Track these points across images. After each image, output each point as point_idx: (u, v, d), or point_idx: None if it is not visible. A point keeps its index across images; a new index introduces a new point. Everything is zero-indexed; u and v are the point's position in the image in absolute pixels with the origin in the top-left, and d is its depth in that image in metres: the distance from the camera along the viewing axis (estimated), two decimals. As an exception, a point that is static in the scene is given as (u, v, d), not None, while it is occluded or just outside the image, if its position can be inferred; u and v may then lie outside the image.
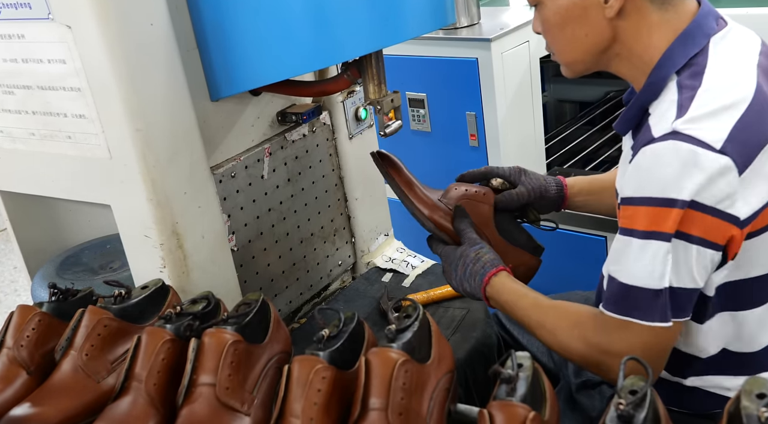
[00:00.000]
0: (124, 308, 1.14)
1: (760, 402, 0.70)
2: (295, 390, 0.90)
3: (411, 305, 1.00)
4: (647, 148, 1.02)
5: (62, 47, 1.17)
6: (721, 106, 1.00)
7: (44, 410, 1.01)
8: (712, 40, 1.09)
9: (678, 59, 1.08)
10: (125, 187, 1.25)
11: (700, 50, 1.08)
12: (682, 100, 1.03)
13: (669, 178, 0.99)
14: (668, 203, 0.99)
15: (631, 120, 1.16)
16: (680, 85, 1.06)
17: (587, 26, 1.12)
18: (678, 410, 1.21)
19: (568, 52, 1.18)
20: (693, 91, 1.03)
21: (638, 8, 1.10)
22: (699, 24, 1.10)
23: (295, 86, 1.45)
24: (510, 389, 0.84)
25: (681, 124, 1.00)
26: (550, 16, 1.15)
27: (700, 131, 0.98)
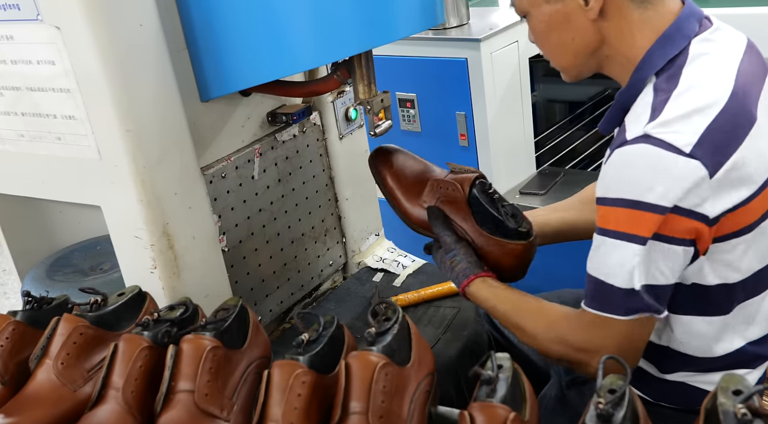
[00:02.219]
0: (101, 315, 1.13)
1: (736, 398, 0.71)
2: (275, 395, 0.90)
3: (390, 308, 1.00)
4: (620, 150, 1.03)
5: (51, 48, 1.17)
6: (693, 109, 1.01)
7: (19, 420, 1.00)
8: (692, 42, 1.09)
9: (657, 61, 1.09)
10: (115, 188, 1.25)
11: (679, 52, 1.08)
12: (656, 103, 1.04)
13: (639, 182, 1.01)
14: (638, 206, 1.01)
15: (614, 120, 1.17)
16: (656, 88, 1.07)
17: (572, 31, 1.14)
18: (666, 405, 1.23)
19: (559, 57, 1.20)
20: (668, 94, 1.04)
21: (619, 8, 1.11)
22: (680, 25, 1.10)
23: (285, 87, 1.45)
24: (490, 391, 0.84)
25: (652, 128, 1.01)
26: (536, 25, 1.18)
27: (670, 135, 0.99)
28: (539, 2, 1.14)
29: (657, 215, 1.00)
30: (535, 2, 1.15)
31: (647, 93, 1.08)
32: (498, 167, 2.44)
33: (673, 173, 0.99)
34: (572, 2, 1.11)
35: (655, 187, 0.99)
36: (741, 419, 0.69)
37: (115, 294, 1.18)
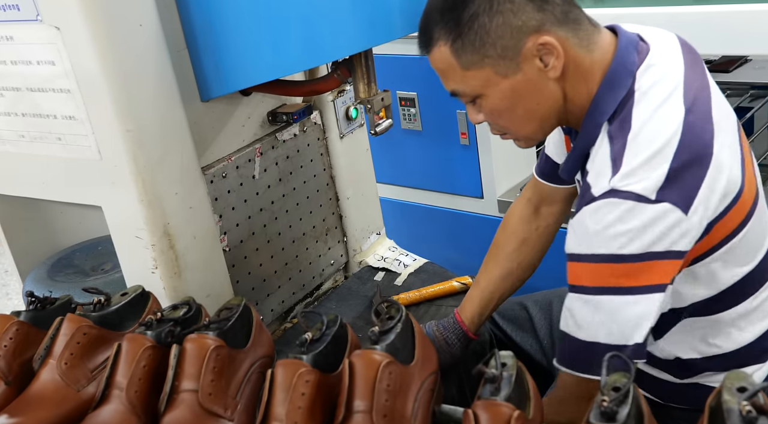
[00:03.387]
0: (104, 315, 1.13)
1: (741, 396, 0.71)
2: (278, 394, 0.89)
3: (394, 307, 1.00)
4: (588, 207, 1.02)
5: (51, 49, 1.17)
6: (651, 153, 0.99)
7: (23, 421, 0.99)
8: (636, 75, 1.06)
9: (607, 106, 1.07)
10: (116, 188, 1.24)
11: (626, 92, 1.06)
12: (614, 153, 1.02)
13: (612, 235, 0.99)
14: (614, 259, 1.00)
15: (575, 166, 1.15)
16: (611, 136, 1.04)
17: (537, 96, 1.09)
18: (676, 406, 1.22)
19: (526, 126, 1.14)
20: (623, 141, 1.02)
21: (574, 58, 1.07)
22: (621, 62, 1.07)
23: (285, 86, 1.45)
24: (494, 389, 0.84)
25: (617, 181, 0.99)
26: (497, 103, 1.10)
27: (636, 185, 0.98)
28: (495, 81, 1.08)
29: (637, 264, 1.00)
30: (490, 82, 1.08)
31: (603, 141, 1.05)
32: (498, 166, 2.44)
33: (645, 221, 0.98)
34: (531, 69, 1.06)
35: (630, 239, 0.98)
36: (746, 416, 0.68)
37: (119, 294, 1.18)
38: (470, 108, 1.15)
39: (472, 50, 1.05)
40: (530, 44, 1.04)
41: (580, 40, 1.07)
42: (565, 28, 1.05)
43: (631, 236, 0.98)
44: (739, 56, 3.06)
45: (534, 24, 1.04)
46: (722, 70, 3.05)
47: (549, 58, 1.05)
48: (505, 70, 1.06)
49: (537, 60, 1.05)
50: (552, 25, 1.04)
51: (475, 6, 1.03)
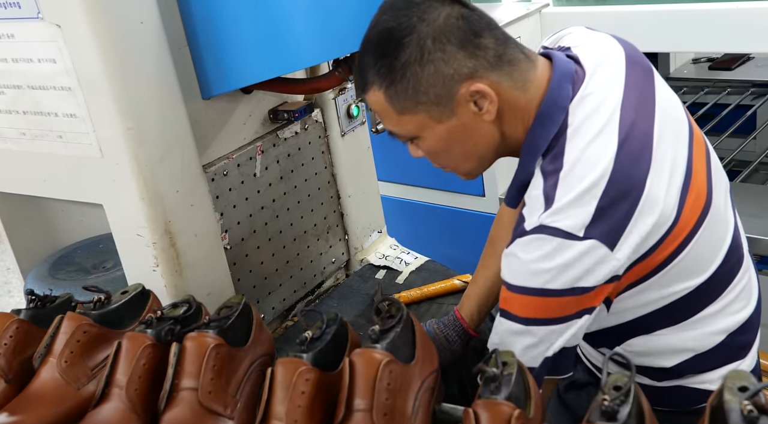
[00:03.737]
0: (104, 313, 1.13)
1: (742, 395, 0.71)
2: (278, 393, 0.89)
3: (394, 305, 1.00)
4: (520, 239, 1.04)
5: (52, 46, 1.17)
6: (582, 190, 0.99)
7: (23, 419, 0.99)
8: (569, 109, 1.06)
9: (540, 143, 1.07)
10: (117, 186, 1.24)
11: (558, 129, 1.06)
12: (547, 189, 1.03)
13: (540, 271, 1.01)
14: (540, 293, 1.02)
15: (516, 195, 1.15)
16: (544, 173, 1.05)
17: (473, 137, 1.10)
18: (661, 409, 1.22)
19: (464, 165, 1.16)
20: (555, 177, 1.02)
21: (508, 100, 1.07)
22: (553, 99, 1.07)
23: (286, 84, 1.45)
24: (494, 388, 0.84)
25: (546, 217, 1.00)
26: (433, 145, 1.12)
27: (563, 221, 0.99)
28: (431, 125, 1.08)
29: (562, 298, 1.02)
30: (425, 126, 1.09)
31: (537, 176, 1.06)
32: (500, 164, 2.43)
33: (572, 257, 0.99)
34: (465, 113, 1.07)
35: (558, 274, 1.00)
36: (747, 416, 0.68)
37: (119, 292, 1.18)
38: (409, 146, 1.16)
39: (406, 97, 1.06)
40: (463, 91, 1.05)
41: (515, 82, 1.07)
42: (498, 72, 1.06)
43: (557, 273, 1.00)
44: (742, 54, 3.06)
45: (466, 71, 1.04)
46: (725, 68, 3.05)
47: (483, 102, 1.06)
48: (440, 115, 1.07)
49: (471, 105, 1.06)
50: (485, 71, 1.05)
51: (406, 55, 1.03)
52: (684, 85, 3.07)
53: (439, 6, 1.04)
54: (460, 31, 1.03)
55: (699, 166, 1.10)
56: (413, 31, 1.02)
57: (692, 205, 1.05)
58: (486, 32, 1.05)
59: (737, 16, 2.12)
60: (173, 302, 1.14)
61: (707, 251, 1.10)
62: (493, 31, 1.06)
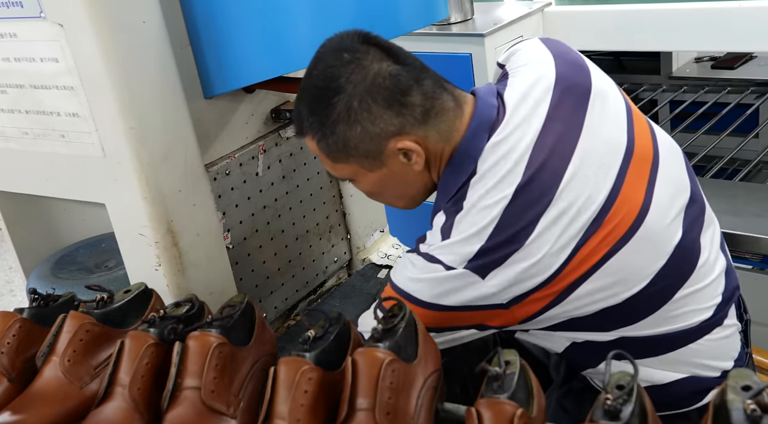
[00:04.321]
0: (107, 312, 1.13)
1: (746, 394, 0.71)
2: (281, 392, 0.89)
3: (397, 305, 1.00)
4: (410, 254, 1.14)
5: (55, 46, 1.17)
6: (471, 234, 1.06)
7: (26, 417, 1.00)
8: (480, 159, 1.10)
9: (449, 190, 1.12)
10: (119, 185, 1.24)
11: (467, 177, 1.10)
12: (444, 228, 1.10)
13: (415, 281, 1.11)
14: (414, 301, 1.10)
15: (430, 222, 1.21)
16: (446, 212, 1.11)
17: (404, 183, 1.17)
18: None
19: (399, 203, 1.25)
20: (452, 219, 1.09)
21: (435, 151, 1.12)
22: (465, 149, 1.11)
23: (288, 83, 1.45)
24: (497, 387, 0.84)
25: (435, 249, 1.09)
26: (368, 188, 1.20)
27: (446, 256, 1.08)
28: (363, 173, 1.15)
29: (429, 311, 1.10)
30: (358, 173, 1.16)
31: (441, 214, 1.13)
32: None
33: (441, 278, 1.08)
34: (395, 164, 1.12)
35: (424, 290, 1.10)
36: (751, 415, 0.68)
37: (121, 291, 1.18)
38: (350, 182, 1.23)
39: (336, 150, 1.12)
40: (391, 146, 1.10)
41: (441, 134, 1.12)
42: (425, 127, 1.10)
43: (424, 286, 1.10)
44: (744, 53, 3.06)
45: (393, 129, 1.09)
46: (727, 67, 3.05)
47: (411, 155, 1.11)
48: (370, 166, 1.13)
49: (400, 156, 1.11)
50: (412, 127, 1.10)
51: (335, 114, 1.08)
52: (685, 84, 3.07)
53: (368, 65, 1.08)
54: (386, 91, 1.07)
55: (631, 192, 1.10)
56: (341, 91, 1.07)
57: (600, 241, 1.07)
58: (414, 89, 1.09)
59: (740, 15, 2.12)
60: (176, 301, 1.14)
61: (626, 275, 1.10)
62: (422, 85, 1.10)
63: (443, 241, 1.09)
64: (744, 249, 2.03)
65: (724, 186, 2.36)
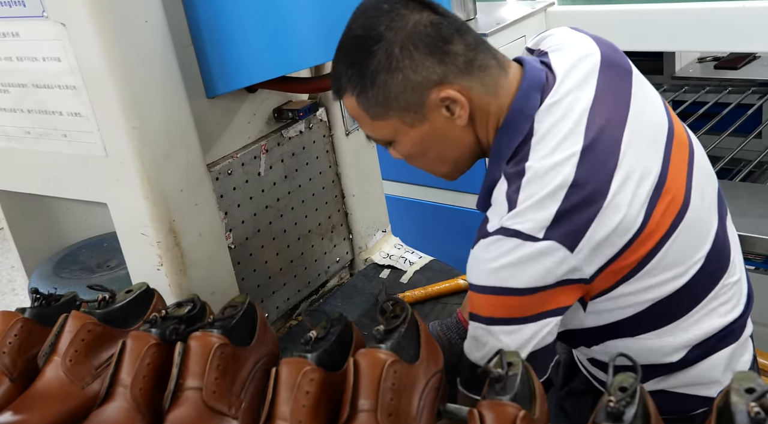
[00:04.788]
0: (109, 312, 1.13)
1: (749, 397, 0.70)
2: (283, 393, 0.89)
3: (399, 305, 1.00)
4: (483, 241, 1.05)
5: (57, 45, 1.17)
6: (543, 195, 1.00)
7: (27, 417, 1.00)
8: (536, 117, 1.07)
9: (504, 151, 1.08)
10: (121, 185, 1.24)
11: (524, 137, 1.06)
12: (510, 193, 1.04)
13: (497, 269, 1.03)
14: (501, 292, 1.03)
15: (484, 200, 1.15)
16: (508, 177, 1.06)
17: (447, 142, 1.12)
18: None
19: (440, 168, 1.18)
20: (518, 182, 1.03)
21: (480, 105, 1.08)
22: (519, 108, 1.08)
23: (291, 83, 1.45)
24: (500, 388, 0.84)
25: (507, 220, 1.02)
26: (408, 149, 1.14)
27: (522, 224, 1.01)
28: (404, 130, 1.10)
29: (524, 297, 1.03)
30: (399, 131, 1.11)
31: (502, 181, 1.07)
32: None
33: (531, 257, 1.00)
34: (437, 118, 1.08)
35: (518, 274, 1.01)
36: (754, 417, 0.68)
37: (123, 291, 1.18)
38: (389, 149, 1.18)
39: (377, 104, 1.07)
40: (434, 97, 1.06)
41: (486, 87, 1.08)
42: (469, 77, 1.07)
43: (515, 271, 1.02)
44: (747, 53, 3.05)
45: (435, 78, 1.05)
46: (730, 67, 3.04)
47: (454, 107, 1.07)
48: (412, 120, 1.08)
49: (443, 109, 1.07)
50: (455, 77, 1.06)
51: (375, 62, 1.05)
52: (687, 84, 3.06)
53: (408, 13, 1.05)
54: (428, 38, 1.04)
55: (677, 171, 1.10)
56: (381, 39, 1.04)
57: (664, 211, 1.05)
58: (456, 38, 1.06)
59: (743, 15, 2.11)
60: (178, 301, 1.14)
61: (682, 256, 1.09)
62: (464, 36, 1.07)
63: (512, 209, 1.02)
64: (747, 250, 2.02)
65: (726, 186, 2.34)
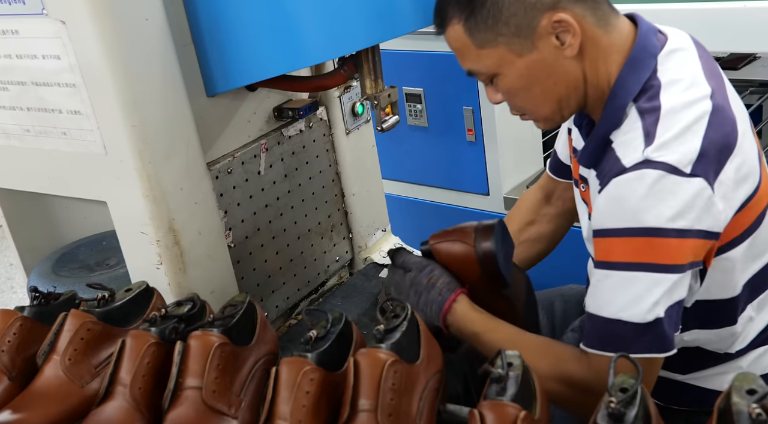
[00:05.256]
0: (108, 311, 1.13)
1: (751, 398, 0.70)
2: (283, 392, 0.89)
3: (399, 305, 1.00)
4: (619, 179, 1.00)
5: (57, 43, 1.17)
6: (685, 126, 0.99)
7: (27, 416, 1.00)
8: (659, 59, 1.06)
9: (632, 87, 1.06)
10: (121, 183, 1.24)
11: (651, 73, 1.05)
12: (647, 126, 1.01)
13: (645, 208, 0.97)
14: (647, 233, 0.98)
15: (596, 151, 1.11)
16: (641, 111, 1.03)
17: (554, 75, 1.08)
18: (677, 407, 1.21)
19: (543, 107, 1.13)
20: (656, 115, 1.01)
21: (591, 38, 1.07)
22: (643, 45, 1.07)
23: (291, 81, 1.44)
24: (500, 389, 0.83)
25: (651, 152, 0.98)
26: (512, 82, 1.10)
27: (670, 156, 0.97)
28: (510, 59, 1.07)
29: (666, 238, 0.97)
30: (505, 61, 1.07)
31: (632, 118, 1.04)
32: (505, 162, 2.43)
33: (679, 194, 0.96)
34: (546, 47, 1.05)
35: (663, 212, 0.96)
36: (755, 419, 0.68)
37: (123, 290, 1.18)
38: (488, 88, 1.14)
39: (485, 28, 1.04)
40: (545, 22, 1.03)
41: (598, 20, 1.06)
42: (582, 6, 1.04)
43: (664, 208, 0.96)
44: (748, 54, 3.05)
45: (549, 1, 1.03)
46: (731, 68, 3.04)
47: (565, 35, 1.04)
48: (520, 48, 1.05)
49: (553, 38, 1.04)
50: (568, 3, 1.04)
51: None
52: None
53: None
54: None
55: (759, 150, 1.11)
56: None
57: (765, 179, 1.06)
58: None
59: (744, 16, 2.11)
60: (177, 300, 1.14)
61: None
62: None
63: (653, 142, 0.99)
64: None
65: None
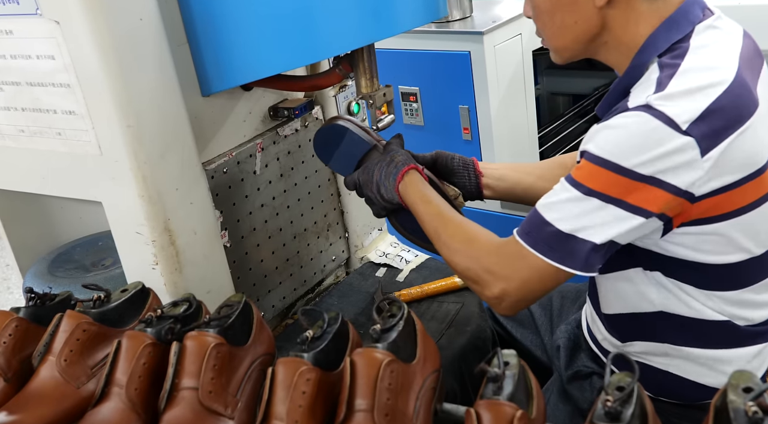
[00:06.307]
0: (104, 311, 1.12)
1: (747, 396, 0.70)
2: (279, 392, 0.89)
3: (395, 304, 1.00)
4: (620, 114, 1.03)
5: (51, 43, 1.16)
6: (698, 87, 1.01)
7: (22, 417, 0.99)
8: (696, 28, 1.09)
9: (661, 43, 1.09)
10: (116, 183, 1.24)
11: (683, 36, 1.09)
12: (662, 77, 1.04)
13: (629, 148, 1.00)
14: (621, 171, 1.01)
15: (613, 103, 1.15)
16: (661, 65, 1.07)
17: (577, 14, 1.14)
18: (667, 400, 1.22)
19: (558, 38, 1.19)
20: (673, 70, 1.04)
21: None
22: (685, 11, 1.10)
23: (286, 81, 1.44)
24: (497, 388, 0.83)
25: (655, 99, 1.01)
26: (540, 3, 1.17)
27: (671, 108, 0.99)
28: None
29: (637, 182, 1.00)
30: None
31: (652, 70, 1.08)
32: (501, 161, 2.43)
33: (665, 145, 0.99)
34: None
35: (644, 157, 0.99)
36: (752, 417, 0.68)
37: (118, 290, 1.18)
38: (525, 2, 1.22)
39: None
40: None
41: None
42: None
43: (642, 155, 0.99)
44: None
45: None
46: None
47: None
48: None
49: None
50: None
51: None
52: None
53: None
54: None
55: None
56: None
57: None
58: None
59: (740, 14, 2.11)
60: (173, 300, 1.14)
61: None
62: None
63: (661, 91, 1.02)
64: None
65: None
